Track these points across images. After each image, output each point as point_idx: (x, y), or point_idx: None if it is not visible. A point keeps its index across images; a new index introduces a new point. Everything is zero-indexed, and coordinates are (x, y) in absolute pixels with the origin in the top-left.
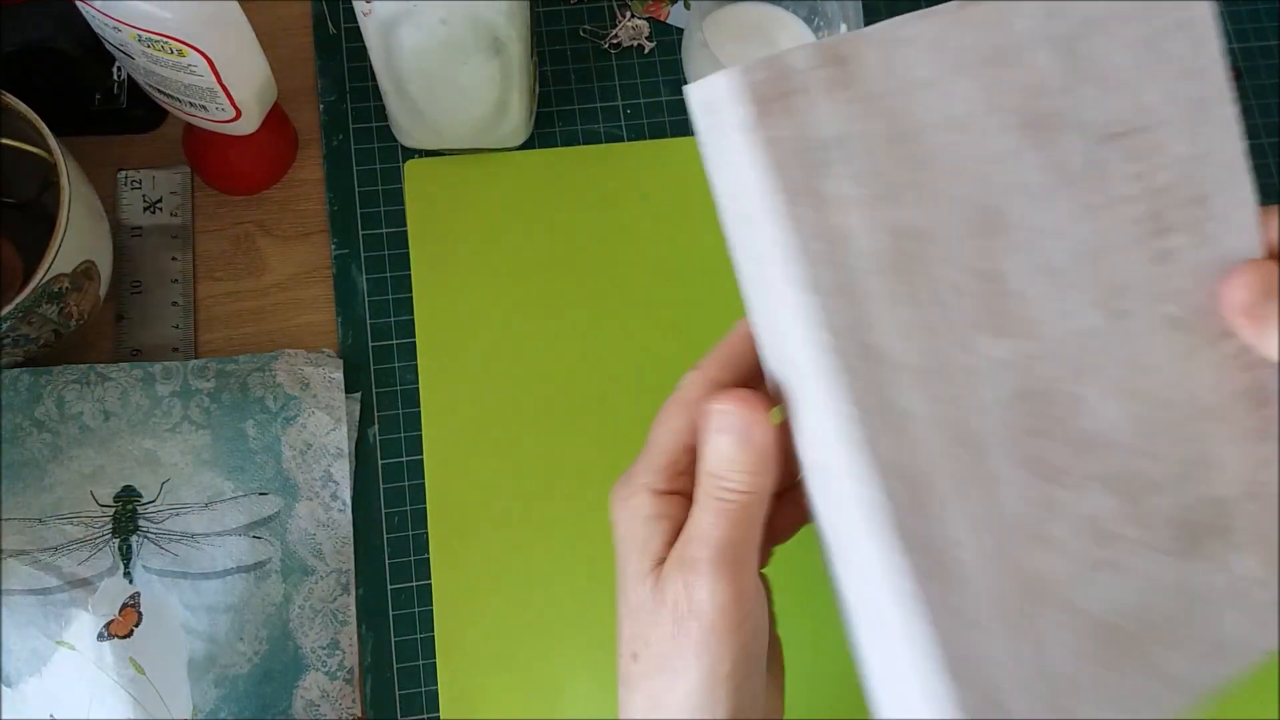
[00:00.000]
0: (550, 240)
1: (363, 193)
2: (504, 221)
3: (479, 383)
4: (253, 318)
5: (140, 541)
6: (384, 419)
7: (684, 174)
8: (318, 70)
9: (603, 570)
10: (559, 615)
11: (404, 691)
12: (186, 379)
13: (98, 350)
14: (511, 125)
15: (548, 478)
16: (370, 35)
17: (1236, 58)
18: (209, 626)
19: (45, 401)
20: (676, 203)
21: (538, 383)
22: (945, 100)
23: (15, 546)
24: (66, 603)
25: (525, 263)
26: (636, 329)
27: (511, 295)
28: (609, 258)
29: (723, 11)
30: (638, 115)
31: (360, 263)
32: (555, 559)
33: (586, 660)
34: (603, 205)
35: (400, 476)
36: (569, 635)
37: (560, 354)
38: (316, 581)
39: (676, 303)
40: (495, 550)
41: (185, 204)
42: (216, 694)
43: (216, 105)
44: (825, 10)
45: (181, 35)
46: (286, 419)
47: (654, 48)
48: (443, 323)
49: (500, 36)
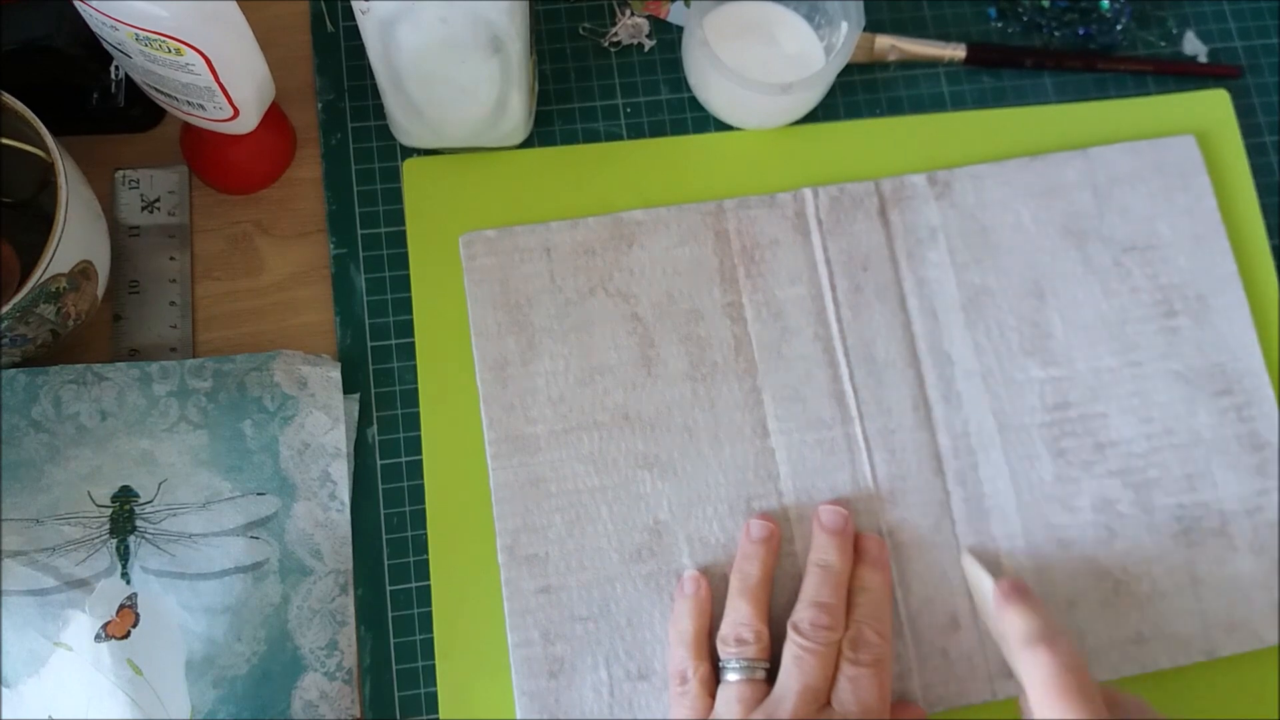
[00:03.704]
0: None
1: (361, 192)
2: (504, 220)
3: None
4: (251, 317)
5: (138, 542)
6: (382, 419)
7: (684, 172)
8: (316, 69)
9: None
10: None
11: (403, 693)
12: (184, 379)
13: (95, 350)
14: (511, 124)
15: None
16: (369, 34)
17: (1238, 56)
18: (207, 627)
19: (42, 401)
20: (676, 201)
21: None
22: (1010, 212)
23: (12, 547)
24: (64, 603)
25: None
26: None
27: None
28: None
29: (723, 9)
30: (638, 114)
31: (359, 262)
32: None
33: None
34: (603, 204)
35: (399, 477)
36: None
37: None
38: (315, 582)
39: None
40: (495, 551)
41: (183, 203)
42: (214, 695)
43: (214, 104)
44: (826, 9)
45: (179, 34)
46: (284, 419)
47: (654, 46)
48: (442, 323)
49: (500, 35)
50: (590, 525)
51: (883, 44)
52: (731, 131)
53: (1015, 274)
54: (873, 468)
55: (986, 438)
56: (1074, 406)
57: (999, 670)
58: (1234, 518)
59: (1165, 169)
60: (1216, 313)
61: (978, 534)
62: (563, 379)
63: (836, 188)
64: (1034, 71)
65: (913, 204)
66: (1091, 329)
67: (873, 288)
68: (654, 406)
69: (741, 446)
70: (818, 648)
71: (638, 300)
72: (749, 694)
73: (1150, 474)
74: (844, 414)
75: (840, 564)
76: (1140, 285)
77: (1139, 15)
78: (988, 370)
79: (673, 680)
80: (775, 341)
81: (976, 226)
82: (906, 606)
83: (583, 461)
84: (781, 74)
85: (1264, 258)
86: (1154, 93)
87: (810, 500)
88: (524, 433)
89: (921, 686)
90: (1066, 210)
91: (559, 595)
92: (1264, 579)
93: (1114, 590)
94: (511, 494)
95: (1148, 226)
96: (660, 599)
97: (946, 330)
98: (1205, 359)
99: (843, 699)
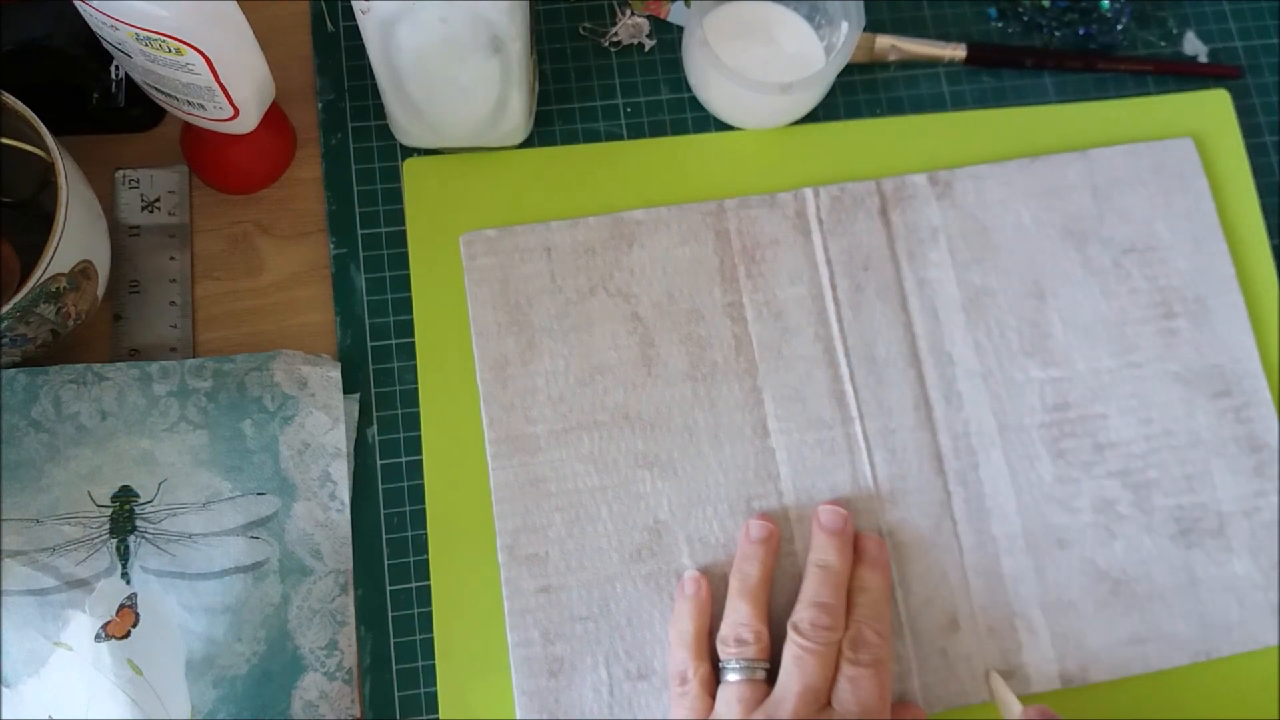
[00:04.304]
0: None
1: (361, 192)
2: (504, 220)
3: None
4: (251, 317)
5: (138, 542)
6: (382, 419)
7: (684, 172)
8: (316, 69)
9: None
10: None
11: (403, 693)
12: (184, 379)
13: (95, 350)
14: (511, 124)
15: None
16: (369, 33)
17: (1238, 56)
18: (207, 627)
19: (42, 401)
20: (676, 200)
21: None
22: (1010, 213)
23: (13, 547)
24: (64, 603)
25: None
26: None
27: None
28: None
29: (723, 9)
30: (638, 113)
31: (359, 262)
32: None
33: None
34: (603, 204)
35: (399, 477)
36: None
37: None
38: (315, 582)
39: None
40: (495, 551)
41: (183, 203)
42: (215, 695)
43: (215, 104)
44: (826, 9)
45: (179, 34)
46: (284, 419)
47: (654, 45)
48: (442, 322)
49: (500, 35)
50: (590, 525)
51: (883, 44)
52: (731, 131)
53: (1016, 274)
54: (873, 468)
55: (987, 438)
56: (1074, 407)
57: (998, 670)
58: (1232, 519)
59: (1164, 171)
60: (1215, 315)
61: (978, 534)
62: (563, 379)
63: (837, 187)
64: (1034, 71)
65: (914, 204)
66: (1091, 330)
67: (874, 287)
68: (654, 406)
69: (742, 446)
70: (818, 648)
71: (638, 300)
72: (749, 694)
73: (1149, 475)
74: (844, 414)
75: (840, 564)
76: (1139, 287)
77: (1139, 15)
78: (988, 371)
79: (673, 681)
80: (776, 341)
81: (977, 227)
82: (906, 606)
83: (583, 461)
84: (781, 74)
85: (1264, 258)
86: (1154, 93)
87: (810, 500)
88: (524, 432)
89: (921, 686)
90: (1067, 211)
91: (559, 595)
92: (1262, 580)
93: (1113, 591)
94: (511, 494)
95: (1147, 228)
96: (660, 599)
97: (948, 330)
98: (1203, 361)
99: (843, 699)
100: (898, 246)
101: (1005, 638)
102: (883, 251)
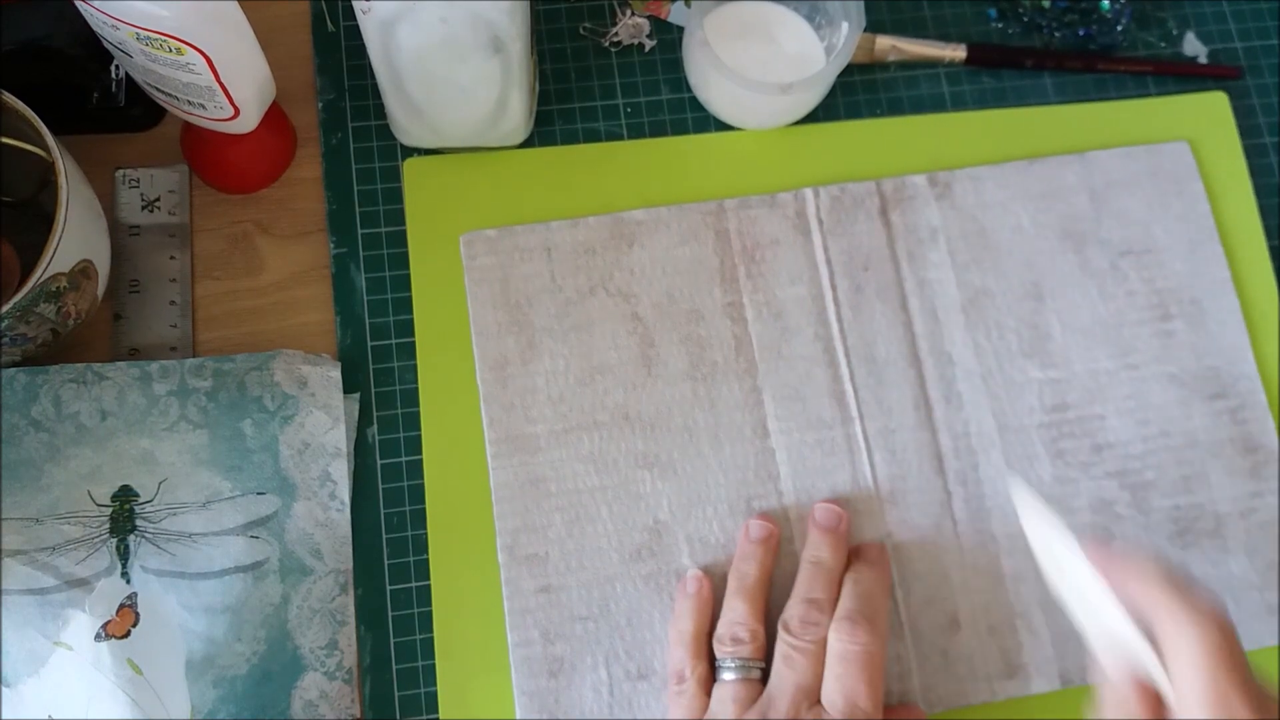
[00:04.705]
0: None
1: (361, 191)
2: (504, 220)
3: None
4: (251, 317)
5: (138, 541)
6: (383, 419)
7: (684, 172)
8: (316, 69)
9: None
10: None
11: (403, 692)
12: (184, 378)
13: (95, 350)
14: (511, 124)
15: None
16: (369, 33)
17: (1238, 57)
18: (207, 627)
19: (42, 401)
20: (676, 200)
21: None
22: (1009, 214)
23: (12, 546)
24: (64, 603)
25: None
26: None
27: None
28: None
29: (723, 9)
30: (638, 114)
31: (359, 262)
32: None
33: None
34: (603, 204)
35: (399, 477)
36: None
37: None
38: (315, 582)
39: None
40: (495, 551)
41: (183, 203)
42: (215, 694)
43: (215, 104)
44: (826, 9)
45: (180, 33)
46: (284, 418)
47: (654, 46)
48: (442, 322)
49: (500, 35)
50: (590, 525)
51: (883, 44)
52: (731, 131)
53: (1015, 276)
54: (873, 468)
55: (986, 438)
56: (1072, 408)
57: (999, 671)
58: (1228, 520)
59: (1160, 174)
60: (1210, 317)
61: (978, 534)
62: (563, 379)
63: (838, 187)
64: (1034, 72)
65: (914, 204)
66: (1089, 331)
67: (874, 288)
68: (654, 406)
69: (741, 446)
70: (807, 646)
71: (638, 300)
72: (744, 693)
73: (1147, 475)
74: (844, 414)
75: (832, 560)
76: (1136, 289)
77: (1139, 16)
78: (988, 371)
79: (671, 679)
80: (775, 341)
81: (976, 228)
82: (906, 607)
83: (583, 461)
84: (781, 74)
85: (1262, 260)
86: (1154, 94)
87: (810, 500)
88: (524, 432)
89: (921, 687)
90: (1065, 213)
91: (559, 595)
92: (1258, 580)
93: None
94: (511, 493)
95: (1143, 231)
96: (660, 599)
97: (947, 331)
98: (1200, 362)
99: (830, 695)
100: (898, 247)
101: (1005, 638)
102: (883, 252)
